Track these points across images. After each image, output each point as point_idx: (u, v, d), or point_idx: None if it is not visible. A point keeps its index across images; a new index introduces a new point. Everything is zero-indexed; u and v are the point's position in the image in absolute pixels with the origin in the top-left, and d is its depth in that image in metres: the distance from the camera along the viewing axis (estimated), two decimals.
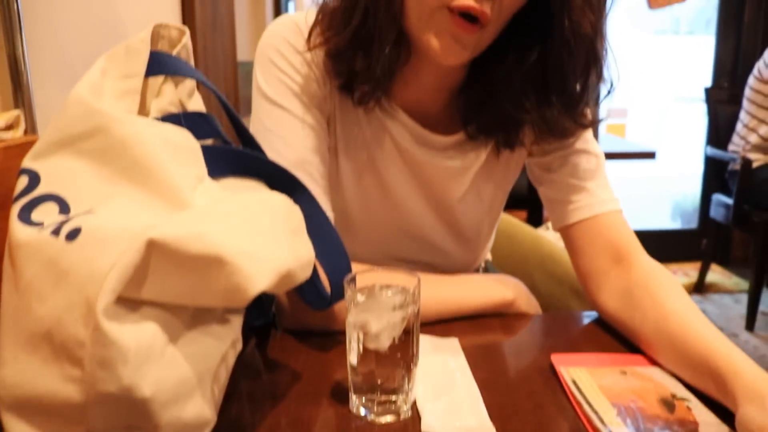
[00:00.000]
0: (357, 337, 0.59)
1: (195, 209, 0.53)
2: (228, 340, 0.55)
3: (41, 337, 0.47)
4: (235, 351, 0.56)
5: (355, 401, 0.61)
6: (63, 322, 0.46)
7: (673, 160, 5.07)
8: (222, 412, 0.56)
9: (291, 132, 0.80)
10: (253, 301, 0.51)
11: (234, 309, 0.56)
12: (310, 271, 0.58)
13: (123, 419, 0.47)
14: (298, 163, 0.79)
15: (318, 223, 0.65)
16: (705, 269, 3.19)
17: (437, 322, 0.81)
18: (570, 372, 0.69)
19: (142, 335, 0.46)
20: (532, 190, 1.87)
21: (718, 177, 3.02)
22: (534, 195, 1.85)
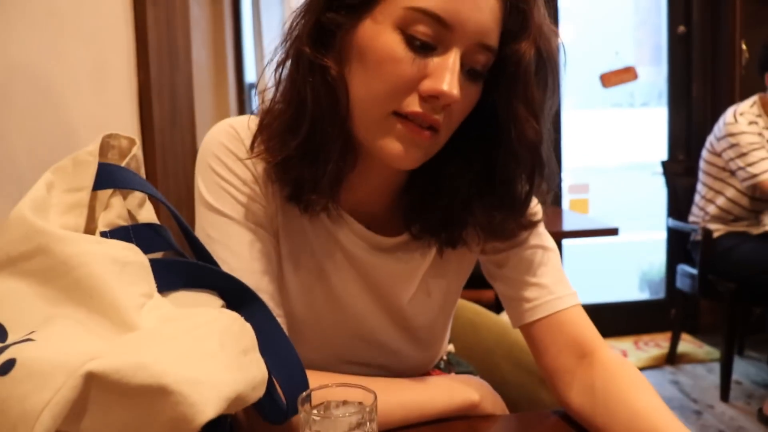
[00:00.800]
0: None
1: (139, 333, 0.51)
2: None
3: None
4: None
5: None
6: None
7: (637, 229, 5.17)
8: None
9: (236, 240, 0.79)
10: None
11: None
12: (262, 391, 0.56)
13: None
14: (245, 271, 0.77)
15: (271, 334, 0.63)
16: (676, 339, 3.19)
17: (400, 428, 0.78)
18: None
19: None
20: None
21: (681, 247, 3.07)
22: None
